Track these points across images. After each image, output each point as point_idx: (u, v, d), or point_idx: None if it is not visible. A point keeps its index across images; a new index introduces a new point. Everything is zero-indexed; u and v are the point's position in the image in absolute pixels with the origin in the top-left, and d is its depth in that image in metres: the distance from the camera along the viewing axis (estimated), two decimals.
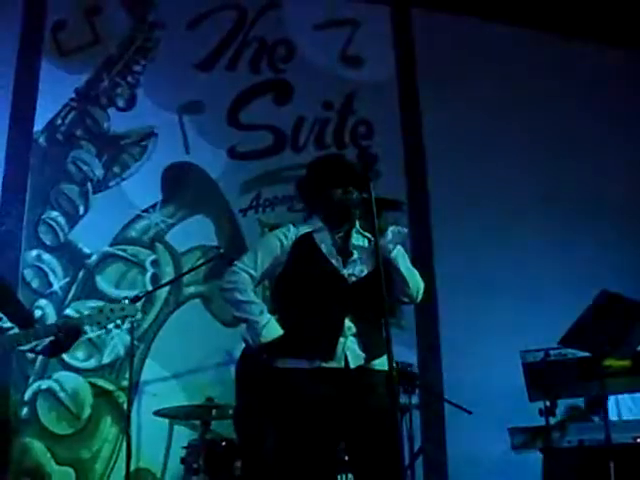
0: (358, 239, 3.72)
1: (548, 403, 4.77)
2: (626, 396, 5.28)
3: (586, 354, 4.58)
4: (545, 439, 4.65)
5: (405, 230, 3.66)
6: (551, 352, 4.78)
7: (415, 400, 5.25)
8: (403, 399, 4.87)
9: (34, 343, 4.07)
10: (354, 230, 3.72)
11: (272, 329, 3.54)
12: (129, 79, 6.45)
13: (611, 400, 5.11)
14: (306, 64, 6.70)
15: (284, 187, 6.17)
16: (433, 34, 6.73)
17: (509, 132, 6.53)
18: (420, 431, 5.52)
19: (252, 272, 3.64)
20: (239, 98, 6.54)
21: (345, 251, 3.66)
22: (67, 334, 4.09)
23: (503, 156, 6.47)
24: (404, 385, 4.85)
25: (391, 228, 3.60)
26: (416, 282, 3.66)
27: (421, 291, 3.69)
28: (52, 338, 4.07)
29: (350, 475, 4.45)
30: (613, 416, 5.01)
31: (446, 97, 6.45)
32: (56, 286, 5.92)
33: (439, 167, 6.44)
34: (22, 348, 4.08)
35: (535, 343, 4.89)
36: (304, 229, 3.70)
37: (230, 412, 5.03)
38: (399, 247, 3.62)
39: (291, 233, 3.70)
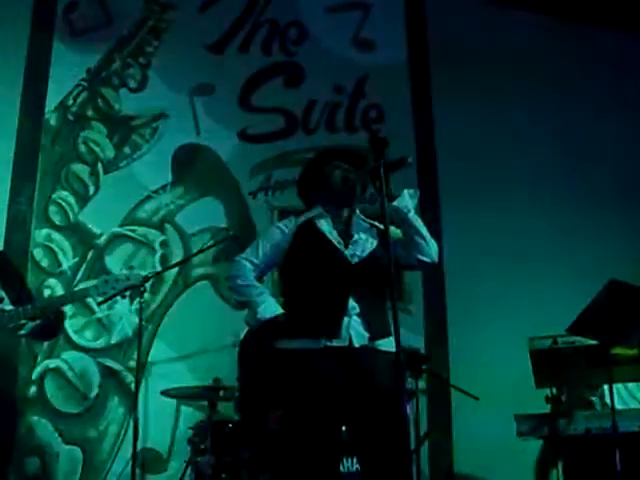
0: (360, 223, 3.76)
1: (555, 390, 4.78)
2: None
3: (594, 342, 4.57)
4: (551, 426, 4.65)
5: (418, 192, 3.68)
6: (559, 339, 4.78)
7: (422, 385, 5.26)
8: (410, 384, 4.87)
9: (29, 327, 4.10)
10: (355, 215, 3.77)
11: (269, 307, 3.62)
12: (141, 60, 6.45)
13: None
14: (318, 47, 6.66)
15: (294, 170, 6.12)
16: (446, 18, 6.65)
17: (523, 116, 6.46)
18: (426, 416, 5.52)
19: (254, 260, 3.75)
20: (251, 80, 6.52)
21: (347, 233, 3.70)
22: (49, 316, 4.13)
23: (516, 139, 6.41)
24: (411, 369, 4.85)
25: (406, 190, 3.64)
26: (434, 243, 3.71)
27: (438, 253, 3.73)
28: (38, 322, 4.11)
29: (354, 458, 4.46)
30: None
31: (458, 81, 6.38)
32: (65, 266, 5.95)
33: (450, 151, 6.39)
34: (21, 333, 4.11)
35: (543, 330, 4.89)
36: (305, 217, 3.76)
37: (237, 394, 5.04)
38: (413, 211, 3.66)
39: (292, 223, 3.79)
